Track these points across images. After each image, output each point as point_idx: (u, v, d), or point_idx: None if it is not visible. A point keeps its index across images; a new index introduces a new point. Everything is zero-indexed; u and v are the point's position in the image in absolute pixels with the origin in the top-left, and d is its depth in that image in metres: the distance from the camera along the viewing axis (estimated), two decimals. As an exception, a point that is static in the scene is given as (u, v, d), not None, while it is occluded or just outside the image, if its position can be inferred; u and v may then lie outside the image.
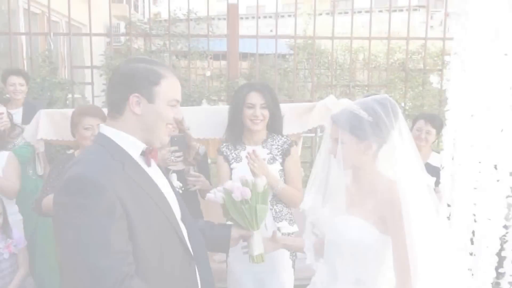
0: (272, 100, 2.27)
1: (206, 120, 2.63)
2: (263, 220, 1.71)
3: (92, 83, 4.35)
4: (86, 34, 4.53)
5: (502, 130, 1.56)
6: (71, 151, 2.69)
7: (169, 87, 1.32)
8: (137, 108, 1.29)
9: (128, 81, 1.29)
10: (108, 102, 1.35)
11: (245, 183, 1.70)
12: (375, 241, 1.45)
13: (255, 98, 2.24)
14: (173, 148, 2.20)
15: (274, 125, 2.32)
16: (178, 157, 2.23)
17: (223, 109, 2.49)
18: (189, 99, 4.19)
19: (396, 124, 1.49)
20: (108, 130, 1.31)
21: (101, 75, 4.45)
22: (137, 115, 1.29)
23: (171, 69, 1.39)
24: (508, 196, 1.56)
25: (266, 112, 2.25)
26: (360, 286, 1.48)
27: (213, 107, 3.35)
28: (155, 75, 1.30)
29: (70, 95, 4.35)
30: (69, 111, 2.49)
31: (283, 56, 7.57)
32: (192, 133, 2.48)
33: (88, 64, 4.39)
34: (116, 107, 1.31)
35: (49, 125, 2.65)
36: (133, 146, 1.31)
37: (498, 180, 1.56)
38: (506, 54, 1.52)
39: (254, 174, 1.96)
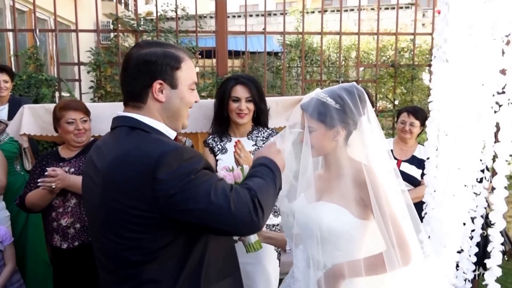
0: (258, 93, 2.26)
1: (194, 114, 2.59)
2: None
3: (79, 80, 4.32)
4: (72, 30, 4.48)
5: (480, 120, 1.55)
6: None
7: (189, 70, 1.31)
8: (160, 95, 1.26)
9: (149, 68, 1.25)
10: (128, 92, 1.29)
11: (230, 170, 1.72)
12: (351, 227, 1.46)
13: (240, 91, 2.24)
14: None
15: (260, 118, 2.32)
16: None
17: (211, 103, 2.47)
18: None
19: (365, 111, 1.52)
20: (142, 118, 1.26)
21: (88, 72, 4.43)
22: (161, 102, 1.27)
23: (185, 50, 1.34)
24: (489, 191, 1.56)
25: (251, 106, 2.25)
26: None
27: (201, 101, 3.30)
28: (175, 59, 1.27)
29: (57, 92, 4.32)
30: (53, 106, 2.46)
31: (276, 54, 7.57)
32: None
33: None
34: (137, 96, 1.27)
35: (32, 120, 2.61)
36: (169, 133, 1.30)
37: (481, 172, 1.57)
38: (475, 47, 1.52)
39: (239, 164, 1.95)
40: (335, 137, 1.51)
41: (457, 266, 1.67)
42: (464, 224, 1.62)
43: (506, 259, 3.21)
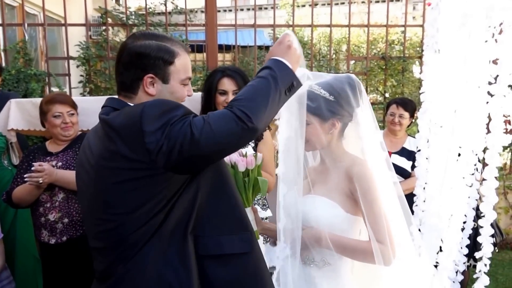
0: (244, 84, 2.23)
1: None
2: (264, 193, 1.70)
3: (68, 74, 4.27)
4: (61, 24, 4.42)
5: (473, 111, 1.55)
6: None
7: (183, 66, 1.29)
8: (151, 88, 1.26)
9: (142, 61, 1.24)
10: (120, 82, 1.30)
11: (243, 155, 1.67)
12: (341, 221, 1.44)
13: (227, 84, 2.21)
14: None
15: None
16: None
17: (199, 95, 2.44)
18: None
19: (360, 102, 1.50)
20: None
21: (78, 66, 4.37)
22: (152, 96, 1.26)
23: (181, 44, 1.33)
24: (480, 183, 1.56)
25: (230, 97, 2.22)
26: (325, 267, 1.46)
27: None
28: (169, 53, 1.26)
29: (47, 87, 4.26)
30: (40, 100, 2.42)
31: (267, 48, 7.54)
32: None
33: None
34: (129, 87, 1.27)
35: (19, 115, 2.58)
36: None
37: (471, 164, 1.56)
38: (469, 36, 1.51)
39: None
40: (330, 129, 1.49)
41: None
42: (465, 215, 1.61)
43: (497, 250, 3.24)
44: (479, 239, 1.55)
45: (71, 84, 4.24)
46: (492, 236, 1.53)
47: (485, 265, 1.55)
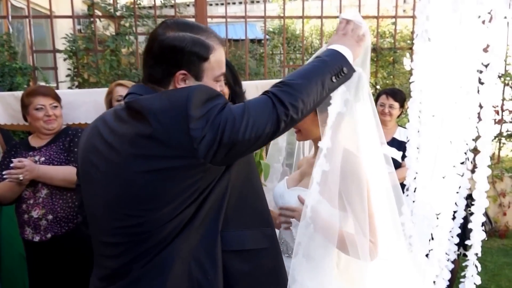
0: (232, 76, 2.19)
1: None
2: (267, 177, 1.66)
3: (55, 68, 4.20)
4: (46, 16, 4.33)
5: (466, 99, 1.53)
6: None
7: (217, 62, 1.21)
8: (183, 84, 1.17)
9: (175, 56, 1.15)
10: (149, 73, 1.20)
11: None
12: (327, 215, 1.40)
13: None
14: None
15: (235, 101, 2.25)
16: None
17: None
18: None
19: (360, 96, 1.42)
20: None
21: (64, 60, 4.30)
22: None
23: (216, 35, 1.23)
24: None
25: (226, 89, 2.18)
26: (310, 262, 1.42)
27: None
28: (205, 48, 1.17)
29: (32, 81, 4.19)
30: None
31: (259, 41, 7.48)
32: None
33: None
34: (158, 81, 1.18)
35: (1, 109, 2.51)
36: None
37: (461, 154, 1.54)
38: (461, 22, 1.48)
39: None
40: (324, 122, 1.42)
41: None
42: (456, 204, 1.60)
43: (486, 238, 3.25)
44: (470, 226, 1.54)
45: (59, 78, 4.16)
46: (482, 224, 1.52)
47: (476, 254, 1.53)
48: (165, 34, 1.16)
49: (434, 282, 1.61)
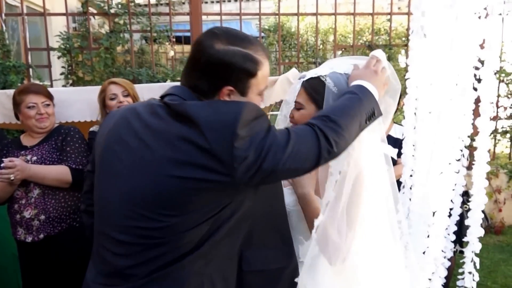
0: None
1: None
2: None
3: (49, 66, 4.16)
4: (40, 14, 4.30)
5: (463, 95, 1.52)
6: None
7: (264, 76, 1.19)
8: (227, 98, 1.15)
9: (224, 72, 1.12)
10: (192, 83, 1.16)
11: None
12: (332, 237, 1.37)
13: None
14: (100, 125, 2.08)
15: None
16: None
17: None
18: (153, 80, 4.07)
19: None
20: None
21: (58, 58, 4.26)
22: None
23: (262, 47, 1.20)
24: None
25: None
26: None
27: (169, 83, 3.21)
28: (254, 65, 1.15)
29: (26, 79, 4.15)
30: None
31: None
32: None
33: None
34: (203, 92, 1.15)
35: (-7, 108, 2.47)
36: None
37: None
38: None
39: None
40: None
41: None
42: (452, 202, 1.59)
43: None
44: (468, 222, 1.53)
45: (54, 76, 4.12)
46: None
47: (473, 251, 1.52)
48: (213, 46, 1.12)
49: (430, 279, 1.60)
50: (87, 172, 1.39)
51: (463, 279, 1.54)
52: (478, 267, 1.52)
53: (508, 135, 4.71)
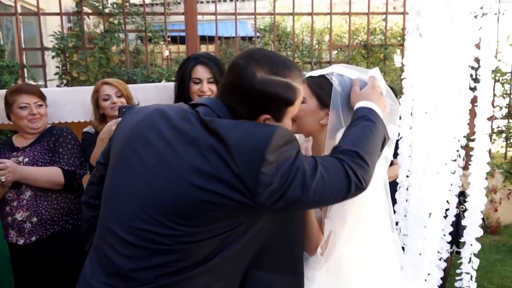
0: (220, 73, 2.15)
1: (157, 97, 2.49)
2: None
3: (43, 66, 4.13)
4: (34, 14, 4.26)
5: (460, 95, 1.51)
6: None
7: (299, 102, 1.21)
8: (262, 122, 1.16)
9: (264, 101, 1.13)
10: (232, 107, 1.15)
11: None
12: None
13: (201, 72, 2.12)
14: (120, 120, 2.04)
15: None
16: None
17: (170, 85, 2.37)
18: (148, 80, 4.05)
19: None
20: None
21: (53, 58, 4.23)
22: None
23: (300, 73, 1.21)
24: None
25: (213, 87, 2.14)
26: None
27: (164, 84, 3.20)
28: (293, 94, 1.15)
29: (20, 79, 4.12)
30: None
31: (250, 39, 7.46)
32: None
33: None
34: (240, 115, 1.14)
35: (-15, 108, 2.44)
36: None
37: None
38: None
39: None
40: (321, 119, 1.38)
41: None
42: (448, 202, 1.58)
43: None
44: (466, 222, 1.52)
45: (48, 76, 4.09)
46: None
47: (471, 253, 1.52)
48: (255, 75, 1.11)
49: (425, 280, 1.60)
50: (97, 163, 1.35)
51: (461, 279, 1.53)
52: (476, 267, 1.51)
53: (503, 135, 4.71)
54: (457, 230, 1.69)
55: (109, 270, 1.13)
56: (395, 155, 1.79)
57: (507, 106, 4.65)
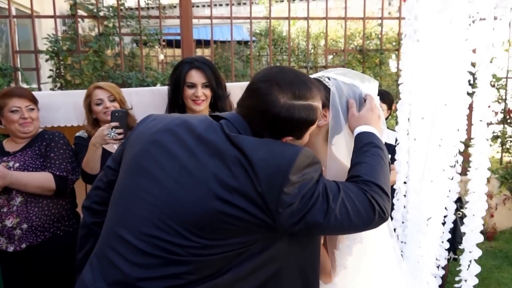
0: (215, 77, 2.13)
1: (151, 101, 2.46)
2: None
3: (37, 69, 4.08)
4: (28, 16, 4.22)
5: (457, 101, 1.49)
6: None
7: (318, 120, 1.23)
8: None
9: (287, 127, 1.14)
10: (256, 132, 1.15)
11: None
12: None
13: (196, 77, 2.09)
14: (113, 124, 1.99)
15: (217, 104, 2.18)
16: (119, 133, 2.00)
17: (164, 89, 2.34)
18: (143, 83, 4.02)
19: None
20: None
21: (46, 61, 4.19)
22: None
23: (319, 89, 1.22)
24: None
25: (208, 92, 2.12)
26: None
27: (158, 88, 3.17)
28: (314, 114, 1.17)
29: (13, 82, 4.07)
30: (-2, 95, 2.25)
31: (246, 43, 7.47)
32: (136, 113, 2.34)
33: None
34: (261, 136, 1.14)
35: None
36: None
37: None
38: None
39: None
40: (319, 120, 1.35)
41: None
42: (446, 208, 1.56)
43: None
44: (465, 229, 1.50)
45: (42, 80, 4.04)
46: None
47: (470, 260, 1.49)
48: (278, 102, 1.11)
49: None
50: (106, 167, 1.31)
51: (460, 287, 1.50)
52: (476, 273, 1.48)
53: (499, 140, 4.71)
54: (455, 237, 1.66)
55: (113, 278, 1.09)
56: (393, 160, 1.77)
57: (503, 111, 4.65)
